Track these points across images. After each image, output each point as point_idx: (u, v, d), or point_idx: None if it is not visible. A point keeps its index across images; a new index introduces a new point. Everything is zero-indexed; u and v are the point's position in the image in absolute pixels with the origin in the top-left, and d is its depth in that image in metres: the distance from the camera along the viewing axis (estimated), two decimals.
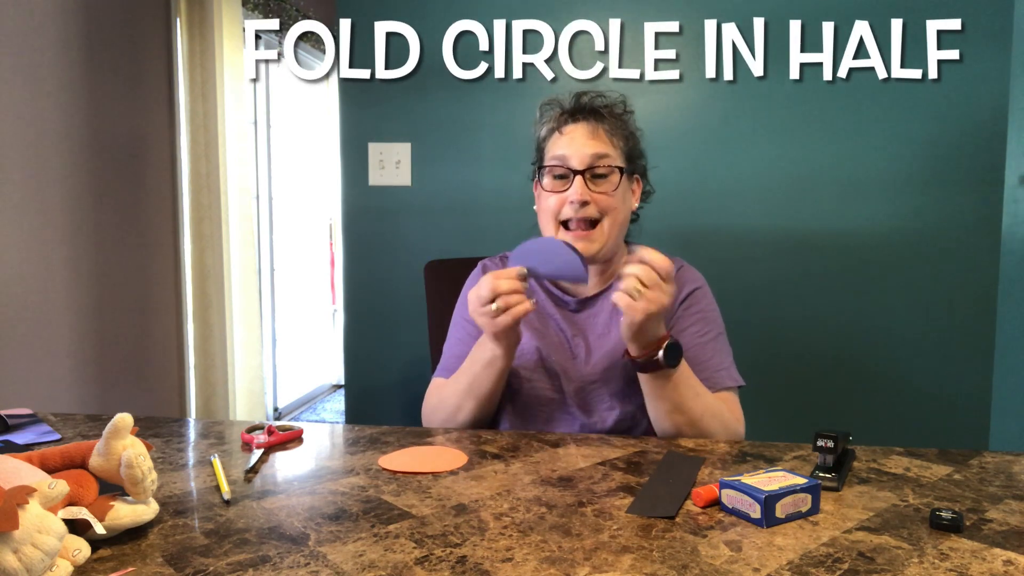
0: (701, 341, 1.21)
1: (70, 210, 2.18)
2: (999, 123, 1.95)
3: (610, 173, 1.18)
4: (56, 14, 2.12)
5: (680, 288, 1.25)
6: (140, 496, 0.74)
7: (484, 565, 0.68)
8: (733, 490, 0.79)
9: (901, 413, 2.05)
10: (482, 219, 2.17)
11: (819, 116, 2.02)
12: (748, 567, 0.68)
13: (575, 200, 1.16)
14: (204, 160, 2.72)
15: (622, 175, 1.19)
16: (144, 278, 2.56)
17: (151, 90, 2.59)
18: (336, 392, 4.66)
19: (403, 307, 2.22)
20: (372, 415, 2.26)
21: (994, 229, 1.98)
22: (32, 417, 1.17)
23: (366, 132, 2.21)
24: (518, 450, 1.03)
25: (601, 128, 1.19)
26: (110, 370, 2.38)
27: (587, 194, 1.16)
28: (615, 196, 1.18)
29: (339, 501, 0.84)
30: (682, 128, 2.08)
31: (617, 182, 1.19)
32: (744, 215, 2.07)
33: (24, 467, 0.71)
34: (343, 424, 1.25)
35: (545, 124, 1.25)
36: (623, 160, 1.21)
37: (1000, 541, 0.73)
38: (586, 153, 1.17)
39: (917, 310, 2.03)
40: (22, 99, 2.00)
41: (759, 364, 2.08)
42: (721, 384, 1.19)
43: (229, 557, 0.69)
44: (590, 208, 1.17)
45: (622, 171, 1.19)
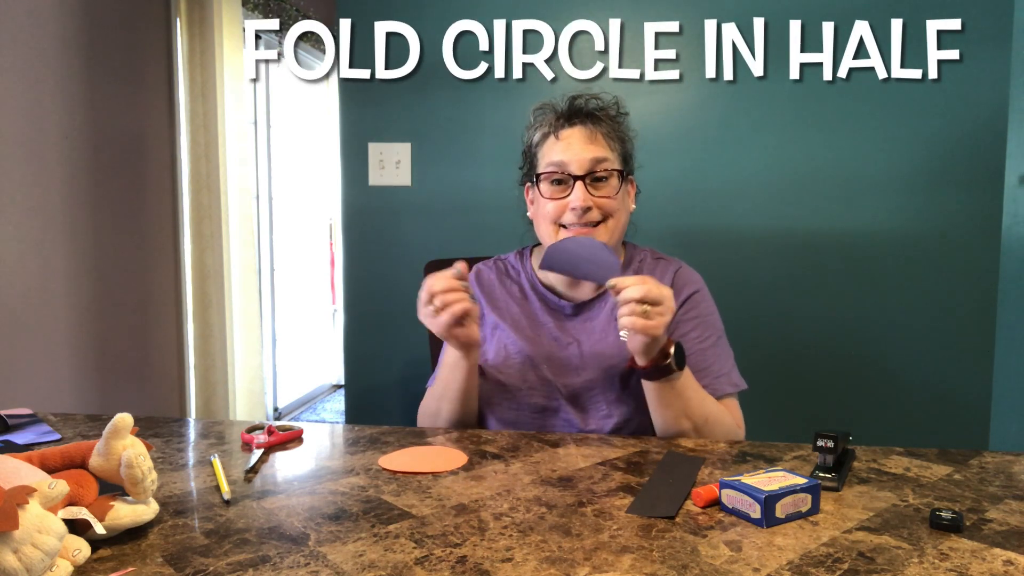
0: (701, 347, 1.20)
1: (70, 210, 2.18)
2: (999, 123, 1.95)
3: (610, 177, 1.18)
4: (56, 14, 2.12)
5: (679, 290, 1.24)
6: (140, 496, 0.74)
7: (484, 565, 0.68)
8: (733, 490, 0.79)
9: (901, 413, 2.05)
10: (482, 219, 2.17)
11: (819, 116, 2.02)
12: (748, 567, 0.68)
13: (577, 206, 1.15)
14: (204, 160, 2.72)
15: (621, 178, 1.19)
16: (144, 278, 2.56)
17: (151, 90, 2.59)
18: (336, 392, 4.66)
19: (403, 307, 2.22)
20: (372, 415, 2.26)
21: (994, 229, 1.98)
22: (32, 417, 1.17)
23: (366, 132, 2.21)
24: (518, 450, 1.03)
25: (598, 131, 1.18)
26: (110, 370, 2.38)
27: (588, 199, 1.16)
28: (616, 199, 1.18)
29: (339, 501, 0.84)
30: (682, 128, 2.08)
31: (617, 186, 1.18)
32: (743, 215, 2.07)
33: (24, 467, 0.71)
34: (343, 424, 1.25)
35: (539, 129, 1.23)
36: (620, 162, 1.20)
37: (1000, 541, 0.73)
38: (585, 158, 1.16)
39: (917, 310, 2.03)
40: (22, 99, 2.00)
41: (759, 364, 2.08)
42: (722, 390, 1.18)
43: (229, 557, 0.69)
44: (592, 213, 1.16)
45: (621, 174, 1.19)
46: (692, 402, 1.10)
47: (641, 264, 1.28)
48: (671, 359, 1.06)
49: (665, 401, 1.09)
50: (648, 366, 1.07)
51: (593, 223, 1.17)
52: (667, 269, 1.27)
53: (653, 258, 1.30)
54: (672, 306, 1.01)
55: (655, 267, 1.27)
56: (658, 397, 1.10)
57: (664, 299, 1.00)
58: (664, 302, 1.00)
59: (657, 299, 0.99)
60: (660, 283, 1.02)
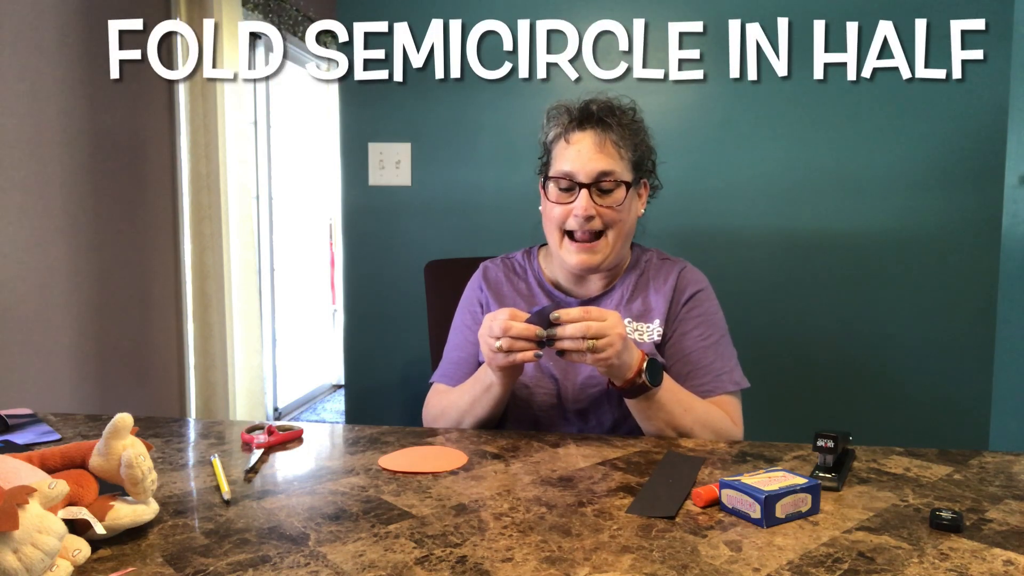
0: (703, 344, 1.21)
1: (70, 210, 2.18)
2: (999, 123, 1.95)
3: (616, 188, 1.18)
4: (56, 14, 2.12)
5: (683, 290, 1.25)
6: (140, 496, 0.74)
7: (484, 565, 0.68)
8: (733, 490, 0.79)
9: (901, 413, 2.05)
10: (482, 219, 2.17)
11: (819, 118, 2.02)
12: (748, 567, 0.68)
13: (580, 215, 1.16)
14: (204, 160, 2.72)
15: (628, 189, 1.19)
16: (144, 278, 2.56)
17: (151, 90, 2.59)
18: (336, 392, 4.66)
19: (403, 307, 2.22)
20: (372, 415, 2.26)
21: (994, 229, 1.98)
22: (32, 417, 1.17)
23: (366, 132, 2.21)
24: (518, 450, 1.03)
25: (608, 139, 1.18)
26: (110, 370, 2.38)
27: (592, 208, 1.17)
28: (620, 210, 1.18)
29: (339, 501, 0.84)
30: (696, 128, 2.07)
31: (623, 197, 1.18)
32: (745, 216, 2.07)
33: (24, 467, 0.71)
34: (343, 424, 1.25)
35: (553, 128, 1.24)
36: (630, 171, 1.20)
37: (1000, 541, 0.73)
38: (592, 170, 1.16)
39: (917, 310, 2.03)
40: (22, 99, 2.00)
41: (760, 364, 2.07)
42: (722, 388, 1.19)
43: (229, 557, 0.69)
44: (595, 222, 1.17)
45: (628, 185, 1.19)
46: (674, 414, 1.10)
47: (647, 265, 1.29)
48: (644, 377, 1.06)
49: (647, 415, 1.11)
50: (624, 386, 1.07)
51: (595, 231, 1.18)
52: (672, 269, 1.28)
53: (659, 259, 1.31)
54: (621, 332, 1.01)
55: (660, 267, 1.29)
56: (639, 412, 1.11)
57: (606, 331, 1.00)
58: (607, 333, 1.00)
59: (597, 333, 0.99)
60: (603, 310, 1.02)
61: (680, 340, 1.22)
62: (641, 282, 1.27)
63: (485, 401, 1.14)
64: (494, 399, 1.14)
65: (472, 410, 1.17)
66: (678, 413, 1.10)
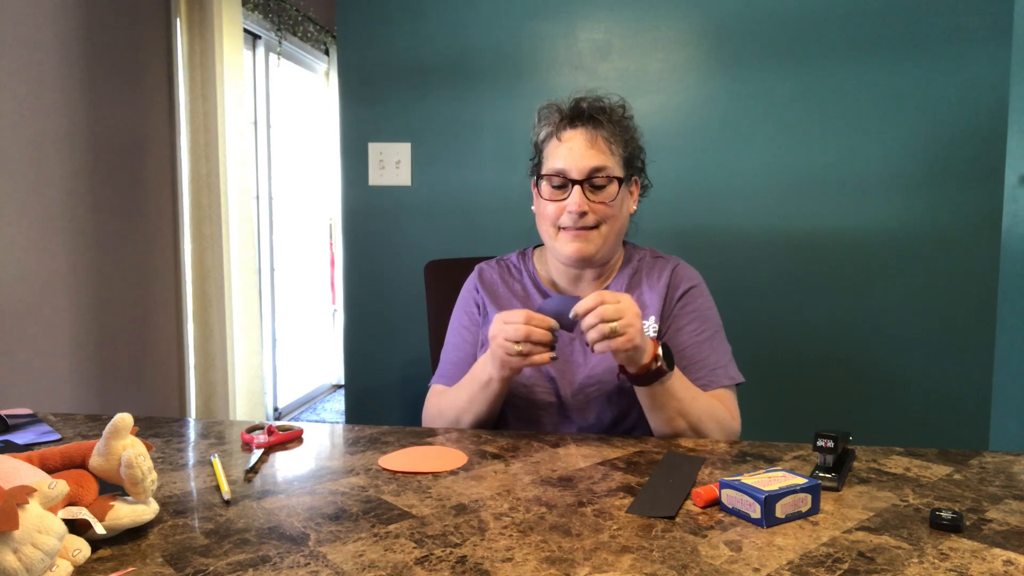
0: (698, 339, 1.22)
1: (70, 210, 2.18)
2: (999, 123, 1.95)
3: (608, 184, 1.18)
4: (56, 14, 2.12)
5: (676, 286, 1.26)
6: (140, 496, 0.74)
7: (484, 565, 0.68)
8: (733, 490, 0.79)
9: (901, 413, 2.05)
10: (482, 219, 2.17)
11: (820, 116, 2.02)
12: (748, 567, 0.68)
13: (573, 211, 1.17)
14: (204, 160, 2.72)
15: (620, 185, 1.20)
16: (144, 278, 2.56)
17: (151, 90, 2.59)
18: (336, 392, 4.66)
19: (403, 307, 2.22)
20: (372, 415, 2.26)
21: (994, 229, 1.98)
22: (32, 417, 1.17)
23: (366, 132, 2.21)
24: (518, 450, 1.03)
25: (600, 136, 1.19)
26: (110, 370, 2.38)
27: (585, 204, 1.17)
28: (612, 206, 1.19)
29: (339, 501, 0.84)
30: (684, 127, 2.08)
31: (615, 192, 1.19)
32: (744, 215, 2.07)
33: (24, 467, 0.71)
34: (343, 424, 1.25)
35: (544, 127, 1.24)
36: (622, 167, 1.21)
37: (1000, 541, 0.73)
38: (584, 166, 1.17)
39: (917, 310, 2.03)
40: (23, 99, 2.00)
41: (759, 364, 2.08)
42: (718, 382, 1.19)
43: (229, 557, 0.69)
44: (588, 218, 1.18)
45: (620, 181, 1.20)
46: (685, 401, 1.10)
47: (640, 263, 1.30)
48: (661, 361, 1.06)
49: (659, 403, 1.10)
50: (639, 372, 1.07)
51: (588, 227, 1.19)
52: (665, 266, 1.29)
53: (652, 257, 1.31)
54: (636, 311, 1.02)
55: (653, 265, 1.29)
56: (652, 400, 1.11)
57: (622, 312, 1.00)
58: (624, 315, 1.00)
59: (614, 315, 1.00)
60: (615, 293, 1.03)
61: (675, 336, 1.22)
62: (635, 280, 1.28)
63: (483, 397, 1.15)
64: (492, 395, 1.14)
65: (470, 407, 1.17)
66: (688, 400, 1.10)
